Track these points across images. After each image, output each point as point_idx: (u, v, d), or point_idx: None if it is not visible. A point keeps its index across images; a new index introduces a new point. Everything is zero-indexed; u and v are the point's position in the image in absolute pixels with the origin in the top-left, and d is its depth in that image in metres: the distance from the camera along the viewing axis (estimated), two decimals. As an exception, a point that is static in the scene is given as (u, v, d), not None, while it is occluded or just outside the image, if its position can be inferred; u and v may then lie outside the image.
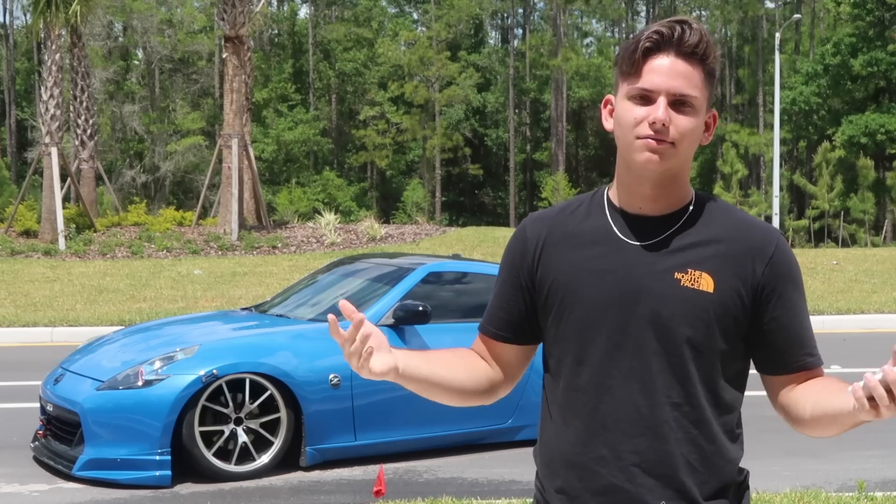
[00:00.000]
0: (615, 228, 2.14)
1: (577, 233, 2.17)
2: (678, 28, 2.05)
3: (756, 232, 2.11)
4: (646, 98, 2.05)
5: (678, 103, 2.04)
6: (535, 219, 2.27)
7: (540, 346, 2.33)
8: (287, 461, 7.02)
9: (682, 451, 2.07)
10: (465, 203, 61.45)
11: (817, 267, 21.90)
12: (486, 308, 2.34)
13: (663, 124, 2.03)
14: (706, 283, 2.06)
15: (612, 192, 2.19)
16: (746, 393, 2.22)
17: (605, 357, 2.10)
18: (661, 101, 2.03)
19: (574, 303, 2.13)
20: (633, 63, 2.06)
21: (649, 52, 2.06)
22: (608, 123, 2.16)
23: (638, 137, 2.05)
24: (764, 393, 2.24)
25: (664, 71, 2.04)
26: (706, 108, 2.11)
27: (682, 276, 2.06)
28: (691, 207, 2.14)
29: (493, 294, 2.33)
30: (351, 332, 2.04)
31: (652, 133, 2.04)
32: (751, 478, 2.25)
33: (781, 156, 46.76)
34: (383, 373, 2.10)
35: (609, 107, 2.16)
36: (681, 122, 2.04)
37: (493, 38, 69.55)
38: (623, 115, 2.08)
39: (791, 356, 2.12)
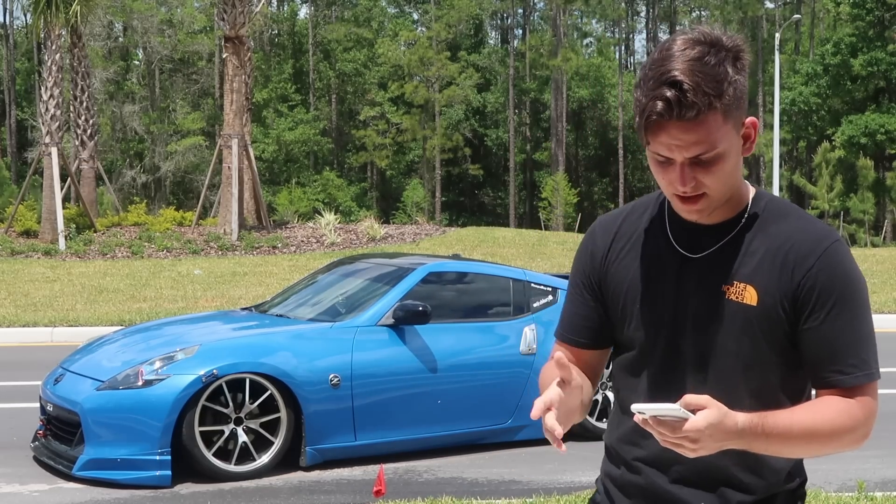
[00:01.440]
0: (672, 239, 2.15)
1: (638, 242, 2.20)
2: (671, 94, 1.93)
3: (805, 238, 2.05)
4: (666, 159, 2.01)
5: (699, 160, 2.00)
6: (604, 223, 2.28)
7: None
8: (287, 461, 7.02)
9: (726, 462, 2.09)
10: (465, 203, 61.45)
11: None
12: (562, 315, 2.33)
13: (685, 192, 2.02)
14: (750, 295, 2.05)
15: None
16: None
17: (657, 368, 2.15)
18: (680, 169, 2.00)
19: (632, 314, 2.17)
20: (640, 130, 2.02)
21: (651, 127, 1.99)
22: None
23: (671, 193, 2.06)
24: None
25: (672, 146, 1.98)
26: (736, 133, 2.02)
27: (728, 289, 2.07)
28: (746, 215, 2.11)
29: (567, 300, 2.32)
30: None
31: (681, 196, 2.04)
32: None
33: (781, 156, 46.79)
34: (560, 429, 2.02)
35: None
36: (706, 177, 2.00)
37: (493, 38, 69.57)
38: (653, 169, 2.07)
39: (820, 372, 2.06)
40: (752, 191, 2.14)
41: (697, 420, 1.87)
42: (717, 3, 59.51)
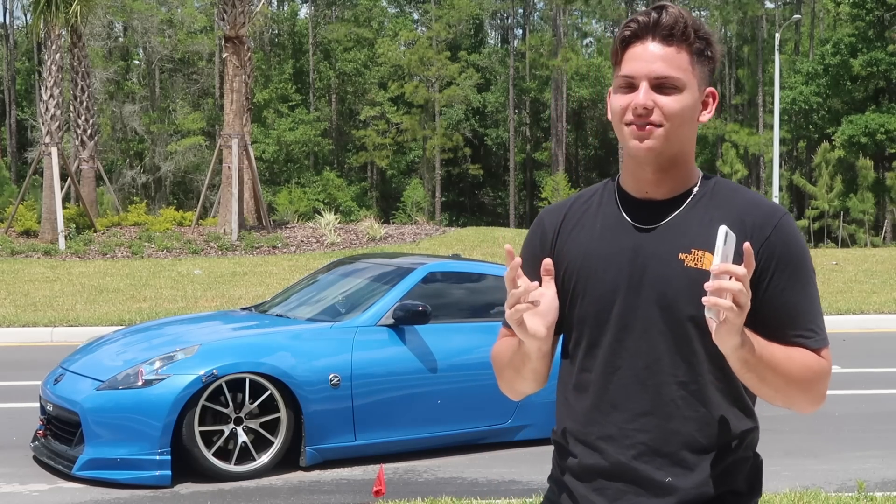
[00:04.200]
0: (624, 214, 2.19)
1: (588, 220, 2.23)
2: (654, 14, 2.09)
3: (758, 211, 2.14)
4: (630, 86, 2.10)
5: (661, 86, 2.08)
6: (550, 210, 2.34)
7: None
8: (287, 461, 7.02)
9: (689, 428, 2.11)
10: (465, 203, 61.46)
11: (817, 267, 21.84)
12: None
13: (645, 107, 2.07)
14: (709, 261, 2.09)
15: (622, 181, 2.24)
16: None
17: (614, 339, 2.15)
18: (643, 86, 2.08)
19: (585, 288, 2.18)
20: (614, 53, 2.14)
21: (628, 42, 2.11)
22: (610, 116, 2.22)
23: (626, 124, 2.11)
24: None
25: (643, 56, 2.08)
26: (699, 87, 2.13)
27: (686, 257, 2.11)
28: (696, 189, 2.18)
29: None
30: (510, 274, 2.06)
31: (635, 119, 2.09)
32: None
33: (781, 156, 46.79)
34: (534, 335, 2.10)
35: (609, 99, 2.21)
36: (665, 104, 2.08)
37: (493, 38, 69.57)
38: (613, 105, 2.14)
39: (783, 336, 2.11)
40: (700, 173, 2.22)
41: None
42: (717, 3, 59.49)
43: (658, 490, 2.11)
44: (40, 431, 7.29)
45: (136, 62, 59.05)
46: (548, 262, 2.14)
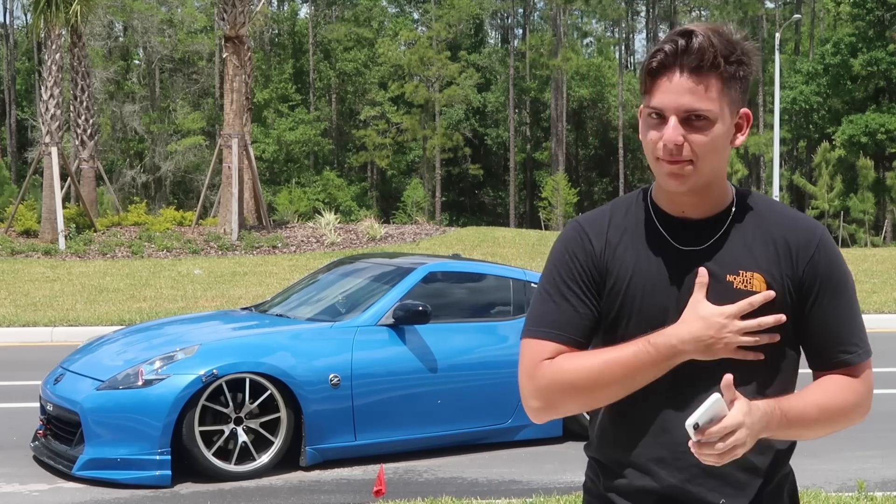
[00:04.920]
0: (667, 235, 2.15)
1: (630, 238, 2.18)
2: (681, 41, 2.03)
3: (800, 229, 2.14)
4: (660, 116, 2.06)
5: (690, 119, 2.04)
6: (591, 223, 2.22)
7: None
8: (287, 461, 7.02)
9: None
10: (465, 203, 61.45)
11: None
12: (550, 315, 2.17)
13: (676, 145, 2.04)
14: (758, 283, 2.09)
15: (656, 196, 2.20)
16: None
17: None
18: (672, 121, 2.04)
19: (632, 309, 2.15)
20: (644, 83, 2.09)
21: (657, 72, 2.06)
22: (642, 133, 2.17)
23: (657, 158, 2.08)
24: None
25: (671, 90, 2.04)
26: (731, 113, 2.09)
27: (735, 279, 2.10)
28: (734, 208, 2.16)
29: (558, 299, 2.18)
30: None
31: (665, 156, 2.06)
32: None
33: (781, 156, 46.79)
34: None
35: (640, 118, 2.16)
36: (695, 140, 2.04)
37: (493, 38, 69.56)
38: (643, 136, 2.11)
39: (827, 353, 2.16)
40: (733, 189, 2.19)
41: (735, 415, 1.94)
42: (717, 3, 59.52)
43: None
44: (40, 431, 7.29)
45: (136, 62, 59.04)
46: (704, 273, 2.10)
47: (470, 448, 7.62)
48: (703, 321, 2.04)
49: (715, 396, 1.94)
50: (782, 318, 2.07)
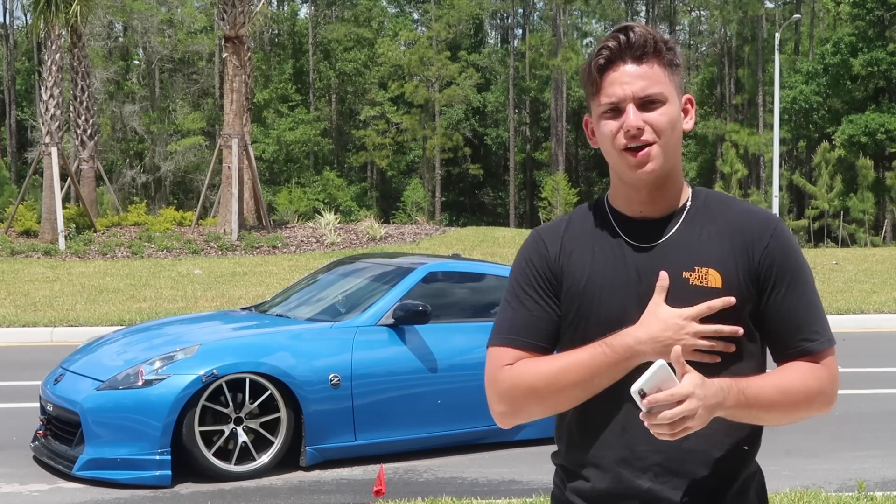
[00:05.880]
0: (622, 235, 2.18)
1: (586, 242, 2.21)
2: (622, 36, 2.13)
3: (754, 221, 2.17)
4: (616, 110, 2.13)
5: (646, 104, 2.12)
6: (548, 231, 2.29)
7: None
8: (287, 461, 7.02)
9: (703, 446, 2.12)
10: (465, 203, 61.45)
11: (817, 267, 21.89)
12: (510, 320, 2.23)
13: (638, 128, 2.10)
14: (714, 278, 2.11)
15: (612, 200, 2.24)
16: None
17: None
18: (630, 108, 2.11)
19: (590, 312, 2.16)
20: (592, 83, 2.16)
21: (604, 68, 2.14)
22: (593, 143, 2.24)
23: (621, 150, 2.12)
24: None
25: (623, 79, 2.12)
26: (678, 97, 2.18)
27: (691, 275, 2.12)
28: (689, 204, 2.20)
29: (516, 304, 2.23)
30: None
31: (629, 142, 2.11)
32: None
33: (781, 156, 46.78)
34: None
35: (590, 127, 2.23)
36: (654, 119, 2.12)
37: (493, 38, 69.56)
38: (602, 133, 2.16)
39: (790, 341, 2.16)
40: (689, 186, 2.25)
41: (685, 385, 1.94)
42: (717, 3, 59.49)
43: None
44: (40, 431, 7.29)
45: (136, 62, 59.03)
46: (665, 277, 2.09)
47: (470, 448, 7.62)
48: (661, 322, 2.06)
49: (659, 363, 1.95)
50: (739, 330, 2.08)
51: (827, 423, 8.47)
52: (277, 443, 6.93)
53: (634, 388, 1.94)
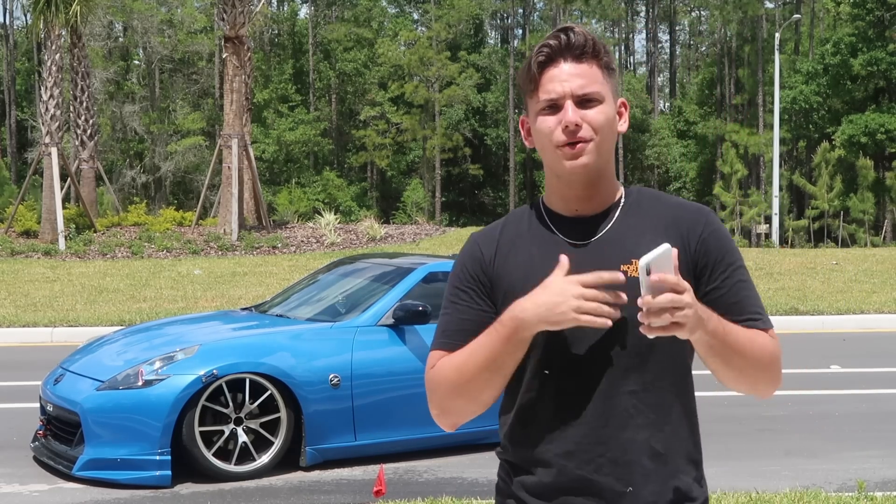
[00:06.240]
0: (559, 234, 2.22)
1: (522, 244, 2.25)
2: (563, 36, 2.17)
3: (687, 213, 2.23)
4: (554, 107, 2.17)
5: (584, 102, 2.16)
6: (483, 234, 2.32)
7: None
8: (287, 461, 7.02)
9: (643, 436, 2.16)
10: (465, 203, 61.46)
11: (817, 267, 21.90)
12: (445, 325, 2.28)
13: (576, 124, 2.14)
14: None
15: (548, 200, 2.28)
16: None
17: (563, 357, 2.17)
18: (568, 104, 2.15)
19: None
20: (532, 80, 2.19)
21: (544, 66, 2.18)
22: (529, 142, 2.28)
23: (557, 146, 2.16)
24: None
25: (562, 77, 2.16)
26: (613, 99, 2.22)
27: (629, 269, 2.15)
28: (623, 200, 2.25)
29: (451, 309, 2.28)
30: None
31: (567, 138, 2.15)
32: (751, 477, 2.27)
33: (781, 156, 46.78)
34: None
35: (526, 126, 2.27)
36: (591, 117, 2.16)
37: (493, 38, 69.58)
38: (538, 130, 2.20)
39: (734, 322, 2.19)
40: (621, 184, 2.30)
41: (685, 282, 1.98)
42: (717, 3, 59.51)
43: (620, 500, 2.15)
44: (40, 431, 7.29)
45: (136, 62, 59.05)
46: (565, 260, 2.10)
47: (470, 448, 7.62)
48: (546, 289, 2.07)
49: (666, 245, 1.98)
50: (619, 276, 2.06)
51: (827, 423, 8.47)
52: (277, 443, 6.93)
53: (642, 262, 1.96)
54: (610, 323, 2.04)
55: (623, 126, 2.27)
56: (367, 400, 7.16)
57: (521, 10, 65.21)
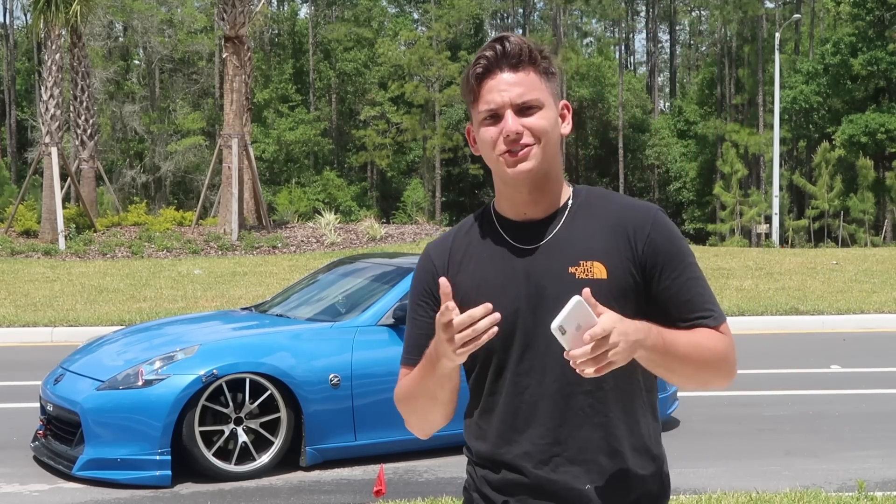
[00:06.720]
0: (508, 238, 2.25)
1: (474, 250, 2.29)
2: (499, 46, 2.21)
3: (634, 213, 2.24)
4: (495, 116, 2.20)
5: (524, 109, 2.19)
6: (436, 246, 2.37)
7: None
8: (287, 461, 7.02)
9: (600, 434, 2.20)
10: (465, 203, 61.45)
11: (817, 267, 21.90)
12: (406, 342, 2.37)
13: (517, 133, 2.17)
14: (599, 270, 2.19)
15: (498, 205, 2.32)
16: (747, 392, 2.24)
17: (518, 360, 2.21)
18: (508, 114, 2.19)
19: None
20: (471, 91, 2.23)
21: (482, 77, 2.22)
22: (475, 150, 2.31)
23: (500, 155, 2.20)
24: (763, 392, 2.26)
25: (500, 87, 2.19)
26: (555, 103, 2.25)
27: (576, 270, 2.19)
28: (570, 202, 2.27)
29: (411, 325, 2.37)
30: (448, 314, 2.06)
31: (508, 147, 2.18)
32: (751, 477, 2.28)
33: (781, 155, 46.77)
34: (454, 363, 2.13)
35: (472, 135, 2.31)
36: (532, 123, 2.19)
37: (493, 37, 69.48)
38: (482, 140, 2.24)
39: (685, 321, 2.22)
40: (569, 186, 2.33)
41: (605, 321, 1.97)
42: (717, 3, 59.50)
43: (579, 499, 2.19)
44: (40, 431, 7.29)
45: (136, 62, 59.05)
46: (445, 284, 2.09)
47: (470, 448, 7.61)
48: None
49: (575, 299, 1.97)
50: (497, 314, 2.02)
51: (827, 423, 8.47)
52: (277, 443, 6.93)
53: (554, 325, 1.97)
54: (495, 331, 2.04)
55: (566, 128, 2.29)
56: (367, 400, 7.16)
57: (521, 10, 65.20)
